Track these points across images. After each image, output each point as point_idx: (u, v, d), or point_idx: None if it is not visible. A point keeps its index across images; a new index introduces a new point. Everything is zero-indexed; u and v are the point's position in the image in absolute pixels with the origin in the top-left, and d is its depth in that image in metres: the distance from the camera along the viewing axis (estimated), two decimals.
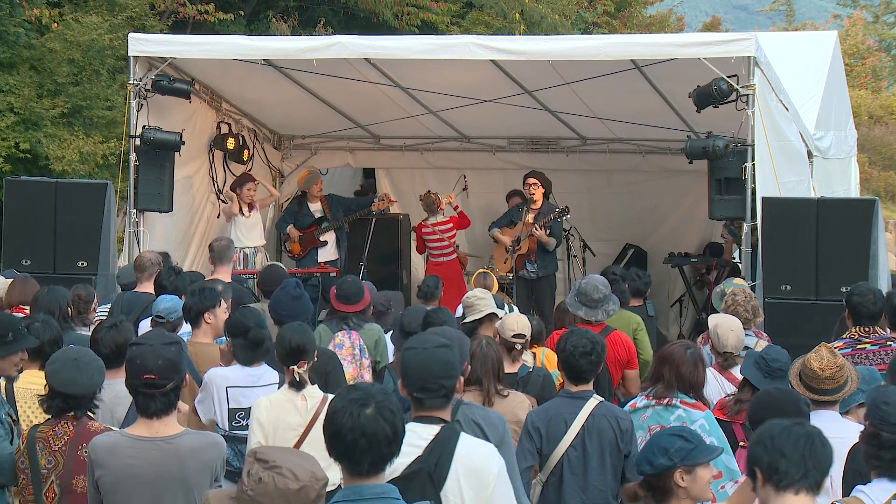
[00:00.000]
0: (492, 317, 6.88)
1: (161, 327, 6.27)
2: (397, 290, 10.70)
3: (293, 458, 3.23)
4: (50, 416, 4.55)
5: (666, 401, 5.31)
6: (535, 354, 6.80)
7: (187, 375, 4.34)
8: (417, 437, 3.83)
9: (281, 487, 2.97)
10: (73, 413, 4.50)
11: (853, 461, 4.17)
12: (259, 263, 11.23)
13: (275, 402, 5.17)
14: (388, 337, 7.15)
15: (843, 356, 6.13)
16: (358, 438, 3.17)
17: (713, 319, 6.61)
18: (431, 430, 3.85)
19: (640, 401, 5.46)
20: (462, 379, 4.06)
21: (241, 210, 11.57)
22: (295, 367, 5.19)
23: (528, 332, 6.42)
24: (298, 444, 4.98)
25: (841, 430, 4.81)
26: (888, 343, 6.31)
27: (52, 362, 4.56)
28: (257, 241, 11.70)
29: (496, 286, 8.73)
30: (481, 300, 6.97)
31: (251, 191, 11.67)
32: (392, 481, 3.72)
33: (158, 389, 4.11)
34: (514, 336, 6.31)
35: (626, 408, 5.47)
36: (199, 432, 4.53)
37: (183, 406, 4.48)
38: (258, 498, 2.97)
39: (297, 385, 5.14)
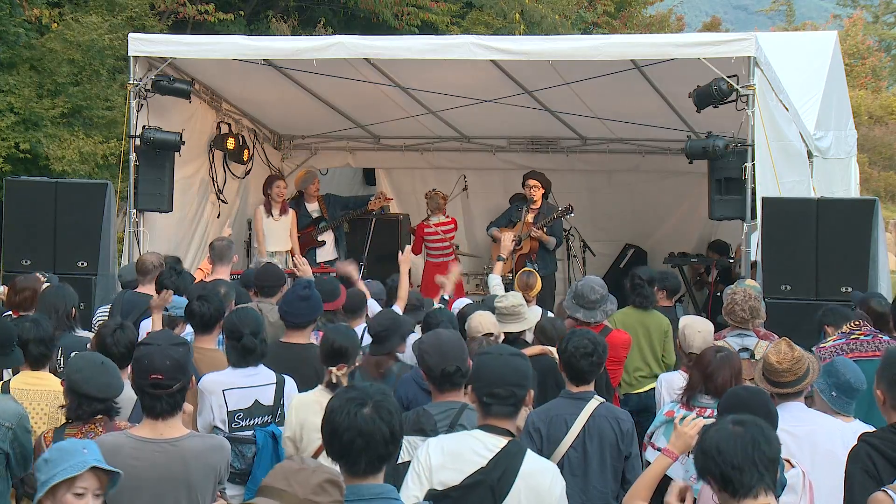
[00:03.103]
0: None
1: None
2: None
3: (319, 461, 3.25)
4: (69, 420, 4.52)
5: (708, 412, 5.21)
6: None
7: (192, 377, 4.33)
8: (483, 448, 3.84)
9: (285, 467, 3.02)
10: (101, 415, 4.50)
11: (856, 461, 4.17)
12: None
13: (305, 401, 5.11)
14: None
15: (838, 346, 6.18)
16: (355, 438, 3.17)
17: (683, 320, 6.63)
18: (498, 443, 3.85)
19: (676, 409, 5.38)
20: (532, 392, 4.04)
21: (269, 212, 11.54)
22: (334, 368, 5.15)
23: (495, 330, 6.42)
24: (321, 449, 4.93)
25: (808, 421, 4.89)
26: (878, 334, 6.45)
27: (78, 370, 4.51)
28: (282, 246, 11.59)
29: (539, 285, 8.66)
30: (525, 308, 6.94)
31: (280, 189, 11.64)
32: (453, 489, 3.75)
33: (165, 390, 4.11)
34: (484, 336, 6.29)
35: (663, 416, 5.40)
36: (203, 435, 4.51)
37: (188, 407, 4.47)
38: (266, 481, 3.02)
39: (333, 387, 5.02)
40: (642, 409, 7.40)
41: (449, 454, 3.87)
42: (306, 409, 5.04)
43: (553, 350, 6.50)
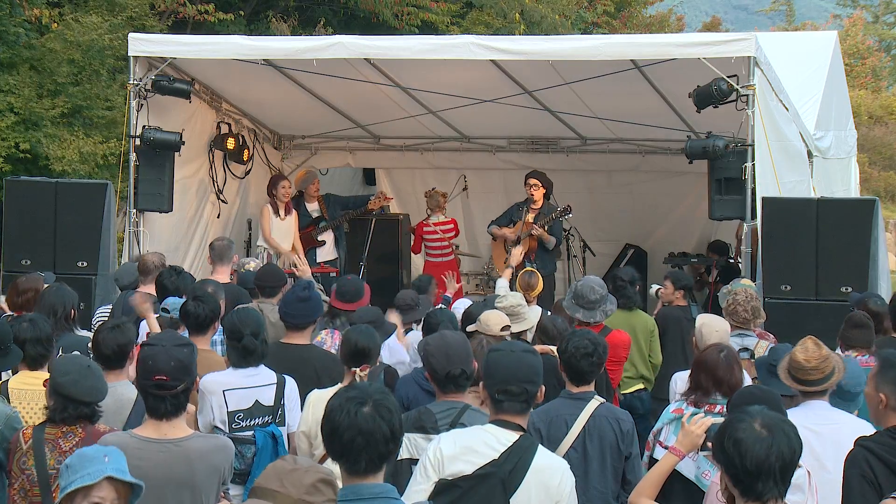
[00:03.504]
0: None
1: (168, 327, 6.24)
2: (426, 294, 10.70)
3: (310, 460, 3.24)
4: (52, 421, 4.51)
5: (717, 409, 5.17)
6: None
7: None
8: (495, 441, 3.88)
9: (278, 468, 3.02)
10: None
11: (854, 466, 4.14)
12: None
13: (323, 398, 5.03)
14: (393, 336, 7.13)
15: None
16: (355, 437, 3.17)
17: (700, 319, 6.62)
18: (510, 437, 3.89)
19: (684, 407, 5.32)
20: (543, 388, 4.07)
21: (276, 211, 11.52)
22: (357, 369, 5.16)
23: (508, 321, 6.44)
24: None
25: (832, 420, 4.88)
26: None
27: (65, 373, 4.47)
28: (286, 245, 11.54)
29: (541, 285, 8.65)
30: (525, 308, 6.96)
31: (286, 189, 11.64)
32: (463, 478, 3.78)
33: (169, 390, 4.10)
34: (503, 329, 6.30)
35: (670, 413, 5.37)
36: (207, 435, 4.50)
37: (191, 408, 4.46)
38: (258, 482, 3.01)
39: None
40: (629, 410, 7.38)
41: (461, 447, 3.91)
42: (323, 406, 5.03)
43: (554, 349, 6.50)
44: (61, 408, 4.45)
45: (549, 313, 8.01)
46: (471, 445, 3.91)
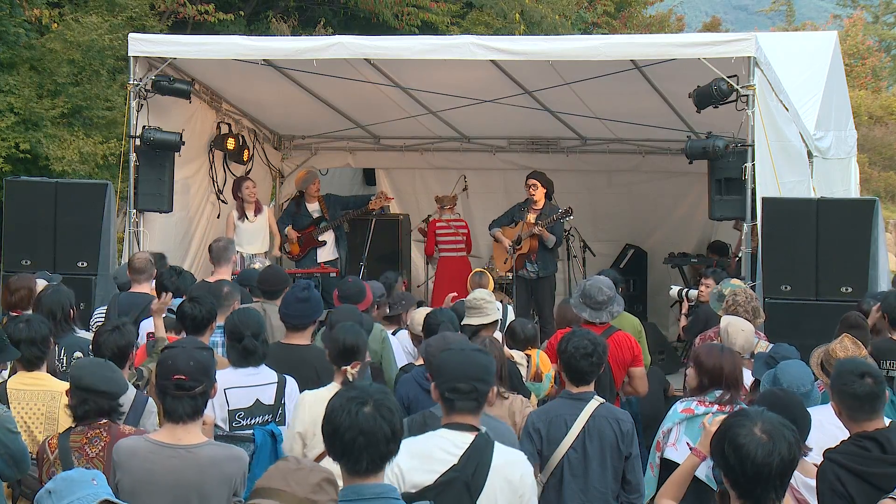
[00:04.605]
0: (495, 322, 6.94)
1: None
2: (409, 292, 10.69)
3: (311, 461, 3.23)
4: (75, 424, 4.47)
5: (728, 408, 5.14)
6: (529, 357, 6.79)
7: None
8: (452, 445, 3.83)
9: (281, 468, 3.02)
10: (105, 419, 4.45)
11: (823, 480, 4.12)
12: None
13: (319, 398, 5.03)
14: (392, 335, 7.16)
15: None
16: (356, 437, 3.17)
17: (725, 319, 6.64)
18: (465, 439, 3.85)
19: (695, 407, 5.30)
20: (495, 389, 4.05)
21: (244, 215, 11.43)
22: (348, 367, 5.16)
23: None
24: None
25: None
26: None
27: (82, 367, 4.50)
28: (258, 247, 11.50)
29: (492, 285, 8.71)
30: (489, 303, 6.98)
31: (250, 189, 11.55)
32: (427, 489, 3.73)
33: (188, 391, 4.09)
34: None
35: (680, 412, 5.34)
36: (222, 444, 4.48)
37: (208, 418, 4.44)
38: (261, 483, 3.01)
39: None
40: None
41: (418, 456, 3.83)
42: (320, 406, 5.02)
43: (515, 355, 6.52)
44: (81, 401, 4.43)
45: (510, 309, 8.08)
46: (427, 453, 3.84)
